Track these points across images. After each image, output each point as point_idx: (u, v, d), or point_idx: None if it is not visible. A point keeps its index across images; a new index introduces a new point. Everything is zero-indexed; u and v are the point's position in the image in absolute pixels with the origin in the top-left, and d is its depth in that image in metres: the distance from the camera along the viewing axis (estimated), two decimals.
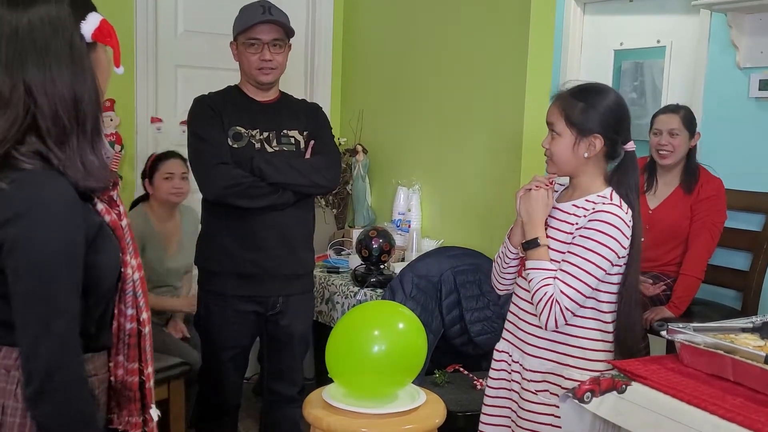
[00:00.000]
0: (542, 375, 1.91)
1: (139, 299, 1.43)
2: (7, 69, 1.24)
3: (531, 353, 1.94)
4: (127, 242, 1.39)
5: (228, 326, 2.56)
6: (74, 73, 1.27)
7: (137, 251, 1.44)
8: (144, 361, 1.46)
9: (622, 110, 1.92)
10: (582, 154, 1.88)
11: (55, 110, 1.26)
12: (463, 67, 3.38)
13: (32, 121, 1.25)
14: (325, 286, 3.34)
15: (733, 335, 1.66)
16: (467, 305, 3.00)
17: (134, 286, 1.42)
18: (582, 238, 1.83)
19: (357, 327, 2.05)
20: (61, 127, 1.26)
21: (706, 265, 3.06)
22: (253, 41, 2.48)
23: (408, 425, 1.97)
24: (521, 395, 1.95)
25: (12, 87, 1.24)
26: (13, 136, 1.24)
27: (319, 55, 4.10)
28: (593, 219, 1.84)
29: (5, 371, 1.30)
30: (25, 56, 1.24)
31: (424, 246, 3.44)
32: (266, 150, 2.53)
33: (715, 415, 1.40)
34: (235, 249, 2.51)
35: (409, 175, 3.70)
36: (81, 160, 1.28)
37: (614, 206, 1.85)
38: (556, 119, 1.91)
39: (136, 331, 1.44)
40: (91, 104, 1.30)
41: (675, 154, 3.09)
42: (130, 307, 1.42)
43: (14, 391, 1.29)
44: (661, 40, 3.87)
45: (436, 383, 2.80)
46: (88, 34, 1.30)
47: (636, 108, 4.16)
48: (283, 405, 2.68)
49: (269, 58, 2.49)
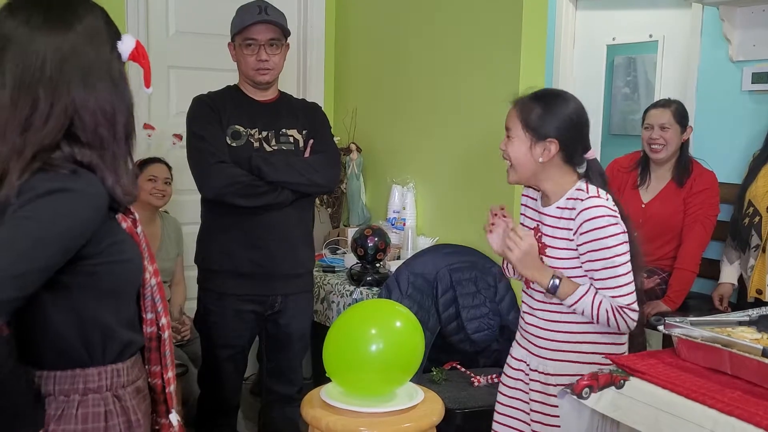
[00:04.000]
0: (569, 378, 1.90)
1: (157, 304, 1.45)
2: (51, 87, 1.28)
3: (552, 358, 1.95)
4: (144, 248, 1.42)
5: (227, 325, 2.56)
6: (114, 91, 1.34)
7: (153, 257, 1.46)
8: (164, 365, 1.48)
9: (579, 117, 1.93)
10: (537, 158, 1.90)
11: (95, 126, 1.31)
12: (455, 63, 3.38)
13: (70, 132, 1.30)
14: (320, 286, 3.33)
15: (730, 329, 1.66)
16: (463, 302, 2.99)
17: (152, 291, 1.44)
18: (589, 245, 1.85)
19: (354, 326, 2.05)
20: (100, 141, 1.31)
21: (700, 258, 3.08)
22: (250, 41, 2.47)
23: (406, 423, 1.97)
24: (547, 402, 1.95)
25: (54, 103, 1.28)
26: (47, 147, 1.27)
27: (312, 53, 4.09)
28: (584, 221, 1.85)
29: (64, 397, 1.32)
30: (69, 75, 1.29)
31: (419, 244, 3.44)
32: (265, 149, 2.53)
33: (713, 409, 1.40)
34: (234, 248, 2.51)
35: (403, 173, 3.69)
36: (115, 172, 1.32)
37: (593, 198, 1.87)
38: (512, 123, 1.94)
39: (156, 335, 1.46)
40: (127, 121, 1.36)
41: (667, 148, 3.10)
42: (149, 312, 1.45)
43: (75, 414, 1.31)
44: (653, 35, 3.89)
45: (434, 381, 2.80)
46: (125, 54, 1.38)
47: (629, 103, 4.18)
48: (282, 404, 2.68)
49: (265, 58, 2.49)
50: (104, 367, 1.35)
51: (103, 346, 1.35)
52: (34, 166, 1.25)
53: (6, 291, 1.16)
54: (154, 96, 3.65)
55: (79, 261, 1.27)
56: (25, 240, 1.19)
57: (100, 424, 1.32)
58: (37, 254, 1.20)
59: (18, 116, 1.27)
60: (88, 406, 1.32)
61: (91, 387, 1.33)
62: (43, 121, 1.27)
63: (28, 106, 1.27)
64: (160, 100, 3.68)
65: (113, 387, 1.35)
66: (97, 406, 1.33)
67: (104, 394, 1.34)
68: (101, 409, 1.33)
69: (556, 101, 1.92)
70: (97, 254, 1.30)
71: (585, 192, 1.89)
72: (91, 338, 1.33)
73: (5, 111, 1.27)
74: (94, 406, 1.33)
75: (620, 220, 1.86)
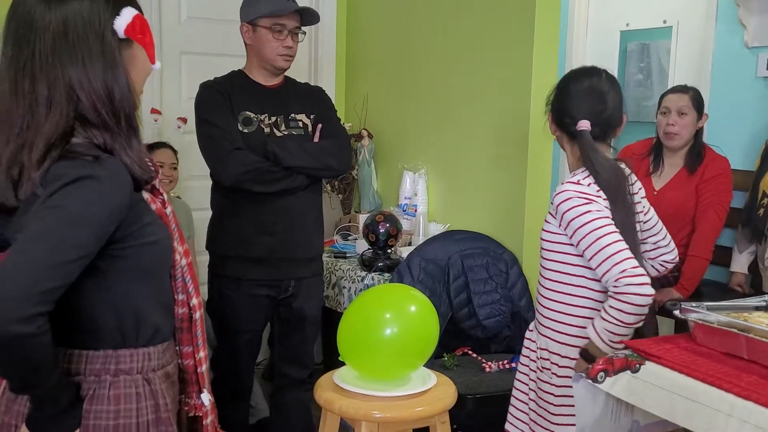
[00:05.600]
0: (569, 360, 1.93)
1: (188, 285, 1.45)
2: (45, 66, 1.25)
3: (558, 340, 1.97)
4: (173, 229, 1.41)
5: (242, 311, 2.56)
6: (106, 69, 1.28)
7: (183, 237, 1.45)
8: (196, 345, 1.48)
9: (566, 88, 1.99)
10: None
11: (93, 105, 1.27)
12: (468, 50, 3.36)
13: (79, 114, 1.27)
14: (332, 271, 3.34)
15: (747, 314, 1.65)
16: (475, 289, 2.99)
17: (182, 272, 1.44)
18: (569, 227, 1.88)
19: (369, 310, 2.05)
20: (102, 121, 1.28)
21: (713, 245, 3.06)
22: (280, 27, 2.47)
23: (419, 407, 1.97)
24: (552, 382, 1.96)
25: (51, 84, 1.25)
26: (61, 134, 1.24)
27: (324, 39, 4.08)
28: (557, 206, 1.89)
29: (95, 377, 1.32)
30: (61, 53, 1.25)
31: (430, 230, 3.44)
32: (275, 134, 2.53)
33: (730, 393, 1.40)
34: (247, 233, 2.51)
35: (415, 159, 3.68)
36: (128, 149, 1.30)
37: (567, 183, 1.91)
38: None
39: (187, 315, 1.46)
40: (124, 99, 1.31)
41: (682, 135, 3.08)
42: (180, 293, 1.45)
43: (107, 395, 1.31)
44: (667, 20, 3.85)
45: (445, 366, 2.80)
46: (120, 29, 1.30)
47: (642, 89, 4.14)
48: (294, 388, 2.69)
49: (292, 45, 2.49)
50: (136, 350, 1.35)
51: (137, 329, 1.35)
52: (52, 155, 1.23)
53: (48, 281, 1.16)
54: (166, 82, 3.65)
55: (110, 245, 1.27)
56: (61, 229, 1.18)
57: (132, 405, 1.33)
58: (74, 242, 1.19)
59: (21, 103, 1.25)
60: (120, 387, 1.32)
61: (123, 368, 1.33)
62: (47, 107, 1.25)
63: (28, 92, 1.25)
64: (173, 86, 3.69)
65: (144, 370, 1.35)
66: (129, 388, 1.33)
67: (135, 376, 1.34)
68: (132, 391, 1.33)
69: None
70: (126, 237, 1.30)
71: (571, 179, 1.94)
72: (125, 320, 1.33)
73: (7, 98, 1.26)
74: (126, 388, 1.33)
75: (592, 199, 1.87)
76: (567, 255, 1.93)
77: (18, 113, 1.25)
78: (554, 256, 1.96)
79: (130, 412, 1.32)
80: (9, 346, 1.14)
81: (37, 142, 1.23)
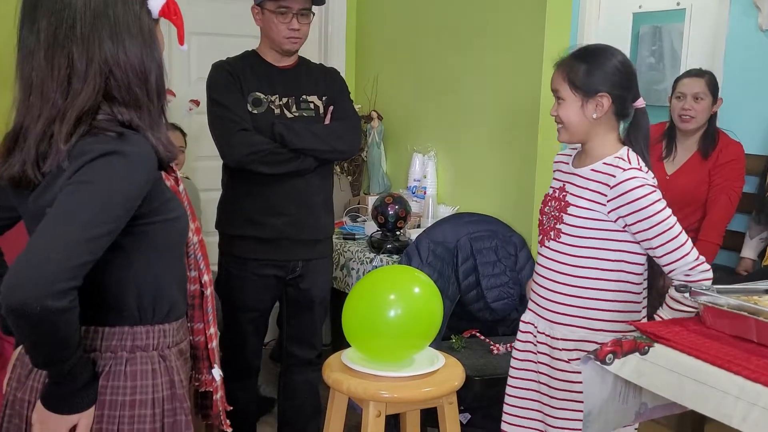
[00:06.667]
0: (574, 343, 1.92)
1: (199, 261, 1.47)
2: (83, 43, 1.27)
3: (559, 321, 1.94)
4: (186, 206, 1.43)
5: (248, 289, 2.57)
6: (143, 47, 1.32)
7: (194, 215, 1.47)
8: (207, 322, 1.50)
9: (627, 67, 1.90)
10: (591, 116, 1.87)
11: (128, 82, 1.30)
12: (479, 32, 3.34)
13: (108, 92, 1.29)
14: (340, 253, 3.34)
15: (757, 297, 1.64)
16: (484, 271, 2.99)
17: (194, 249, 1.46)
18: (640, 221, 1.81)
19: (373, 291, 2.05)
20: (135, 99, 1.30)
21: (724, 230, 3.04)
22: (284, 9, 2.45)
23: (427, 388, 1.98)
24: (552, 365, 1.95)
25: (89, 61, 1.27)
26: (89, 109, 1.26)
27: (334, 19, 4.06)
28: (625, 193, 1.81)
29: (111, 353, 1.33)
30: (100, 31, 1.27)
31: (439, 212, 3.43)
32: (285, 116, 2.52)
33: (739, 376, 1.39)
34: (255, 214, 2.52)
35: (424, 141, 3.67)
36: (154, 129, 1.32)
37: (634, 170, 1.83)
38: (559, 85, 1.90)
39: (199, 292, 1.48)
40: (158, 78, 1.34)
41: (697, 119, 3.05)
42: (192, 269, 1.47)
43: (123, 371, 1.32)
44: (680, 3, 3.81)
45: (453, 348, 2.81)
46: (155, 10, 1.35)
47: (654, 73, 4.11)
48: (302, 369, 2.70)
49: (297, 27, 2.48)
50: (152, 327, 1.36)
51: (153, 305, 1.36)
52: (80, 130, 1.24)
53: (81, 256, 1.17)
54: (175, 62, 3.64)
55: (133, 221, 1.28)
56: (93, 203, 1.19)
57: (148, 381, 1.34)
58: (105, 217, 1.20)
59: (56, 77, 1.26)
60: (137, 363, 1.34)
61: (139, 345, 1.34)
62: (82, 82, 1.26)
63: (64, 66, 1.26)
64: (182, 67, 3.68)
65: (159, 347, 1.37)
66: (145, 364, 1.34)
67: (150, 353, 1.35)
68: (149, 367, 1.34)
69: (600, 55, 1.88)
70: (149, 213, 1.31)
71: (627, 162, 1.85)
72: (143, 297, 1.34)
73: (42, 71, 1.27)
74: (142, 364, 1.34)
75: (657, 187, 1.84)
76: (606, 241, 1.87)
77: (52, 87, 1.26)
78: (588, 242, 1.88)
79: (146, 388, 1.33)
80: (42, 321, 1.15)
81: (69, 115, 1.25)
